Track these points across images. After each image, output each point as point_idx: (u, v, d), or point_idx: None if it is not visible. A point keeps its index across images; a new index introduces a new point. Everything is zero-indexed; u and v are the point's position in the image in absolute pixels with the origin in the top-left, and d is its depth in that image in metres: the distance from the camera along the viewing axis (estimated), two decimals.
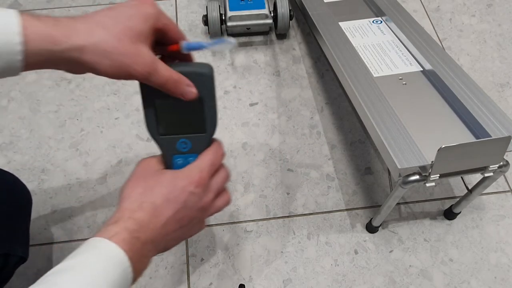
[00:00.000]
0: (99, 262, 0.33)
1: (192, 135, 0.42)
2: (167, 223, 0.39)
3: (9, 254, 0.53)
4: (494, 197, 0.81)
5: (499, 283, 0.72)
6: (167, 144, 0.42)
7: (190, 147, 0.42)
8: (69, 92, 0.93)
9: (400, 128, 0.60)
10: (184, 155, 0.43)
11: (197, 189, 0.40)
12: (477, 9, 1.09)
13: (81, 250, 0.34)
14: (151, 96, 0.40)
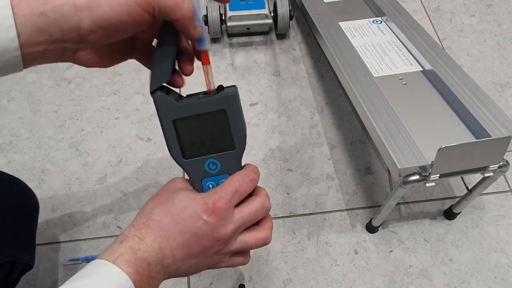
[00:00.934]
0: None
1: (220, 154, 0.38)
2: (174, 247, 0.35)
3: (15, 261, 0.52)
4: (494, 197, 0.81)
5: (499, 283, 0.72)
6: (194, 168, 0.38)
7: (219, 168, 0.38)
8: (69, 92, 0.93)
9: (400, 128, 0.60)
10: (214, 177, 0.39)
11: (211, 218, 0.35)
12: (477, 9, 1.09)
13: (86, 272, 0.33)
14: (169, 115, 0.36)
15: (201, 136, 0.37)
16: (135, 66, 0.96)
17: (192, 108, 0.36)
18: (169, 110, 0.36)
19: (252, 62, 0.99)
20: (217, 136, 0.37)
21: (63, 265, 0.73)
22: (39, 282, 0.71)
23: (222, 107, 0.37)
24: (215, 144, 0.38)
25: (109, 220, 0.78)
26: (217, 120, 0.37)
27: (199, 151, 0.38)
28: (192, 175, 0.39)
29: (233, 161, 0.39)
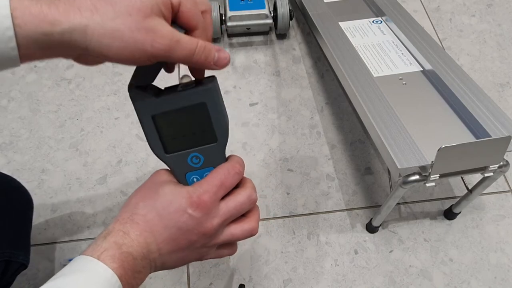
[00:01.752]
0: (87, 286, 0.31)
1: (202, 147, 0.37)
2: (159, 241, 0.35)
3: (10, 261, 0.52)
4: (494, 197, 0.81)
5: (499, 283, 0.72)
6: (177, 163, 0.38)
7: (203, 161, 0.38)
8: (69, 92, 0.93)
9: (400, 128, 0.60)
10: (198, 171, 0.38)
11: (196, 212, 0.35)
12: (477, 9, 1.09)
13: (70, 269, 0.32)
14: (147, 111, 0.35)
15: (182, 130, 0.36)
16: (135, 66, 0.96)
17: (171, 102, 0.35)
18: (147, 106, 0.35)
19: (252, 62, 0.99)
20: (198, 129, 0.37)
21: (63, 265, 0.73)
22: (39, 282, 0.71)
23: (201, 100, 0.35)
24: (197, 138, 0.37)
25: (109, 220, 0.78)
26: (197, 113, 0.36)
27: (181, 146, 0.37)
28: (176, 170, 0.38)
29: (216, 154, 0.38)
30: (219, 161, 0.38)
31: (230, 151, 0.92)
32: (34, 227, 0.76)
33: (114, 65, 0.96)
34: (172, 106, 0.35)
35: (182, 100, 0.35)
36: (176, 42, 0.30)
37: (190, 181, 0.38)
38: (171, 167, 0.38)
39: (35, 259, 0.73)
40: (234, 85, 0.94)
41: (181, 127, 0.36)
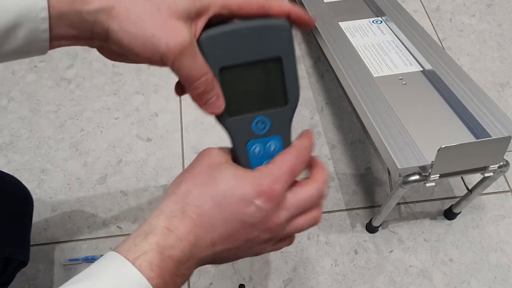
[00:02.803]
0: None
1: (270, 111, 0.33)
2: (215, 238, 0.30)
3: (9, 258, 0.52)
4: (494, 197, 0.81)
5: (499, 283, 0.72)
6: (240, 127, 0.33)
7: (269, 128, 0.33)
8: (69, 92, 0.93)
9: (400, 128, 0.60)
10: (262, 139, 0.33)
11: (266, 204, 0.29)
12: (477, 9, 1.09)
13: (97, 270, 0.28)
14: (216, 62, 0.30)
15: (251, 88, 0.32)
16: (135, 66, 0.96)
17: (244, 53, 0.31)
18: (217, 55, 0.30)
19: None
20: (269, 88, 0.32)
21: (63, 265, 0.73)
22: (39, 282, 0.71)
23: (277, 54, 0.31)
24: (265, 99, 0.32)
25: (109, 220, 0.78)
26: (271, 69, 0.32)
27: (246, 107, 0.32)
28: (236, 137, 0.33)
29: (284, 120, 0.33)
30: (286, 129, 0.34)
31: None
32: (34, 227, 0.76)
33: (114, 65, 0.96)
34: (244, 59, 0.31)
35: (256, 52, 0.31)
36: (191, 55, 0.28)
37: (250, 151, 0.33)
38: (231, 133, 0.33)
39: (35, 259, 0.73)
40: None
41: (251, 84, 0.32)
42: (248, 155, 0.33)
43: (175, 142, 0.87)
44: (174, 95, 0.34)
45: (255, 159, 0.33)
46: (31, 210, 0.61)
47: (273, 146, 0.34)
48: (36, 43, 0.29)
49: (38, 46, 0.29)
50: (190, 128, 0.88)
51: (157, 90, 0.93)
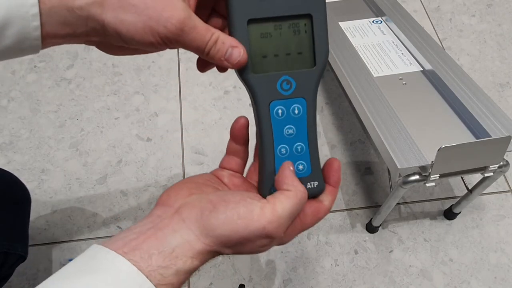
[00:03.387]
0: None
1: (297, 71, 0.31)
2: (224, 248, 0.30)
3: (8, 253, 0.53)
4: (494, 197, 0.81)
5: (499, 283, 0.72)
6: (264, 85, 0.31)
7: (294, 89, 0.32)
8: (69, 92, 0.93)
9: (400, 128, 0.60)
10: (286, 100, 0.32)
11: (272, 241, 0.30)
12: (477, 9, 1.09)
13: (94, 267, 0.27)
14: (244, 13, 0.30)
15: (279, 45, 0.31)
16: (135, 66, 0.96)
17: (273, 8, 0.30)
18: (245, 5, 0.29)
19: None
20: (297, 47, 0.31)
21: (63, 265, 0.73)
22: (39, 282, 0.71)
23: (308, 11, 0.30)
24: (292, 58, 0.31)
25: (109, 220, 0.78)
26: (300, 27, 0.31)
27: (272, 65, 0.31)
28: (260, 95, 0.31)
29: (310, 82, 0.32)
30: (312, 92, 0.32)
31: None
32: (34, 227, 0.76)
33: (114, 65, 0.96)
34: (274, 13, 0.30)
35: (286, 7, 0.30)
36: (191, 28, 0.28)
37: (273, 112, 0.32)
38: (254, 91, 0.31)
39: (35, 259, 0.73)
40: (234, 85, 0.94)
41: (278, 41, 0.31)
42: (271, 117, 0.32)
43: (175, 142, 0.87)
44: (174, 95, 0.34)
45: (277, 122, 0.32)
46: (29, 205, 0.61)
47: (296, 110, 0.32)
48: (27, 41, 0.28)
49: (30, 44, 0.28)
50: (190, 128, 0.88)
51: (157, 90, 0.93)
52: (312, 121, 0.33)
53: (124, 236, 0.29)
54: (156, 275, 0.27)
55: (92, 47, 0.33)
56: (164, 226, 0.29)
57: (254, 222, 0.29)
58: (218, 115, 0.90)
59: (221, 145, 0.86)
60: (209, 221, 0.29)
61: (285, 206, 0.30)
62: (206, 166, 0.84)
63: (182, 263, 0.28)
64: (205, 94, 0.93)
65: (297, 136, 0.33)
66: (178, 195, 0.32)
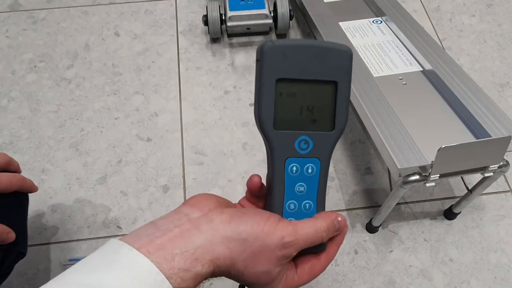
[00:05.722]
0: None
1: (316, 133, 0.33)
2: None
3: (8, 250, 0.53)
4: (494, 197, 0.81)
5: (499, 283, 0.72)
6: (282, 142, 0.33)
7: (311, 149, 0.33)
8: (69, 92, 0.93)
9: (400, 128, 0.60)
10: (301, 159, 0.33)
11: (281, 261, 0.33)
12: (477, 9, 1.09)
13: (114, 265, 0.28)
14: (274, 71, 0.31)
15: (302, 106, 0.32)
16: (134, 66, 0.96)
17: (304, 70, 0.32)
18: (277, 65, 0.31)
19: (252, 62, 0.99)
20: (319, 110, 0.33)
21: (63, 265, 0.73)
22: (39, 282, 0.71)
23: (334, 79, 0.32)
24: (313, 120, 0.33)
25: (109, 220, 0.78)
26: (325, 92, 0.32)
27: (293, 124, 0.33)
28: (277, 151, 0.33)
29: (327, 145, 0.34)
30: (327, 154, 0.34)
31: (230, 151, 0.92)
32: (34, 227, 0.76)
33: (114, 65, 0.96)
34: (303, 75, 0.32)
35: (315, 71, 0.32)
36: None
37: (288, 169, 0.34)
38: (272, 146, 0.33)
39: (35, 259, 0.73)
40: (234, 85, 0.94)
41: (302, 102, 0.32)
42: (285, 173, 0.34)
43: (175, 142, 0.87)
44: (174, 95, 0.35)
45: (290, 178, 0.34)
46: (26, 202, 0.61)
47: (310, 169, 0.34)
48: None
49: None
50: (190, 128, 0.88)
51: (157, 90, 0.93)
52: (323, 181, 0.35)
53: (150, 232, 0.30)
54: (177, 278, 0.28)
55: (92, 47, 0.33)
56: (191, 226, 0.31)
57: (277, 231, 0.31)
58: (218, 115, 0.90)
59: (221, 145, 0.86)
60: (238, 224, 0.31)
61: (304, 227, 0.33)
62: (206, 166, 0.84)
63: (201, 266, 0.29)
64: (205, 94, 0.93)
65: (307, 194, 0.35)
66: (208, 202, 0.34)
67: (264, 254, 0.31)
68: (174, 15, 1.06)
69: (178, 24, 1.04)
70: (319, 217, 0.34)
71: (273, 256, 0.31)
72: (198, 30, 1.03)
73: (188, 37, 1.02)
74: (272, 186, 0.34)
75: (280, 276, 0.33)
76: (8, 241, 0.49)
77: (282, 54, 0.31)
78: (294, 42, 0.32)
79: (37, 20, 1.04)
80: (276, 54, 0.31)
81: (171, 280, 0.27)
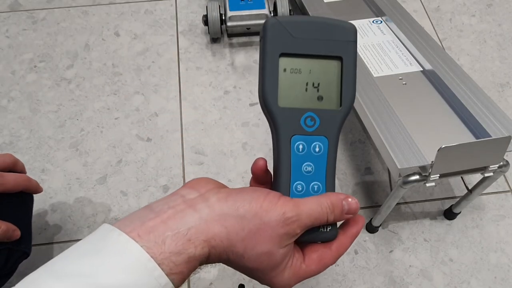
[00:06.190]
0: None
1: (322, 109, 0.32)
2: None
3: (12, 249, 0.53)
4: (494, 197, 0.81)
5: (499, 283, 0.72)
6: (288, 119, 0.32)
7: (317, 126, 0.32)
8: (69, 92, 0.93)
9: (400, 128, 0.60)
10: (308, 137, 0.32)
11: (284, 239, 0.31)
12: (477, 9, 1.09)
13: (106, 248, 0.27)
14: (277, 46, 0.31)
15: (307, 82, 0.32)
16: (134, 66, 0.96)
17: (308, 45, 0.31)
18: (280, 40, 0.31)
19: (252, 62, 0.99)
20: (324, 86, 0.32)
21: None
22: None
23: (339, 54, 0.32)
24: (319, 96, 0.32)
25: (109, 220, 0.78)
26: (330, 67, 0.32)
27: (298, 100, 0.32)
28: (282, 128, 0.32)
29: (334, 123, 0.32)
30: (334, 132, 0.33)
31: (230, 151, 0.92)
32: (34, 227, 0.76)
33: (114, 65, 0.96)
34: (307, 50, 0.31)
35: (319, 46, 0.31)
36: None
37: (294, 147, 0.32)
38: (277, 124, 0.32)
39: (35, 259, 0.73)
40: (234, 85, 0.94)
41: (307, 78, 0.32)
42: (291, 151, 0.32)
43: (175, 142, 0.87)
44: (174, 95, 0.34)
45: (296, 157, 0.32)
46: (31, 202, 0.62)
47: (317, 148, 0.32)
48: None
49: None
50: (190, 128, 0.88)
51: (157, 90, 0.93)
52: (332, 161, 0.33)
53: (144, 214, 0.29)
54: (169, 263, 0.27)
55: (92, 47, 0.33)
56: (186, 206, 0.29)
57: (277, 207, 0.29)
58: (218, 115, 0.90)
59: (221, 145, 0.86)
60: (235, 200, 0.29)
61: (307, 202, 0.30)
62: (206, 166, 0.84)
63: (193, 248, 0.28)
64: (205, 94, 0.93)
65: (315, 174, 0.33)
66: (207, 184, 0.32)
67: (264, 232, 0.29)
68: (174, 15, 1.06)
69: (178, 24, 1.04)
70: (325, 194, 0.32)
71: (274, 234, 0.29)
72: (198, 30, 1.03)
73: (188, 37, 1.02)
74: (278, 166, 0.33)
75: (285, 262, 0.31)
76: (13, 239, 0.50)
77: (285, 30, 0.31)
78: (297, 18, 0.31)
79: (37, 20, 1.04)
80: (279, 29, 0.31)
81: (162, 266, 0.26)
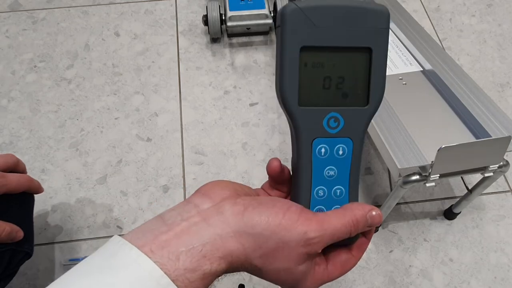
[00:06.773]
0: None
1: (347, 109, 0.28)
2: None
3: (15, 250, 0.54)
4: (494, 197, 0.81)
5: (499, 283, 0.72)
6: (308, 121, 0.28)
7: (341, 127, 0.29)
8: (69, 92, 0.93)
9: (400, 128, 0.60)
10: (331, 139, 0.29)
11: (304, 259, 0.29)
12: (477, 9, 1.09)
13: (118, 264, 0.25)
14: (298, 38, 0.27)
15: (330, 78, 0.28)
16: (134, 66, 0.96)
17: (332, 36, 0.27)
18: (300, 31, 0.27)
19: (252, 62, 0.99)
20: (350, 82, 0.28)
21: (63, 265, 0.73)
22: (39, 282, 0.71)
23: (368, 44, 0.27)
24: (344, 94, 0.28)
25: (109, 220, 0.78)
26: (358, 60, 0.28)
27: (321, 99, 0.28)
28: (303, 131, 0.29)
29: (360, 122, 0.29)
30: (360, 133, 0.29)
31: (230, 151, 0.91)
32: (35, 227, 0.76)
33: (114, 65, 0.96)
34: (331, 42, 0.27)
35: (345, 37, 0.27)
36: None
37: (316, 151, 0.29)
38: (297, 125, 0.29)
39: (35, 259, 0.73)
40: (234, 85, 0.94)
41: (331, 73, 0.28)
42: (312, 155, 0.29)
43: (175, 142, 0.87)
44: (174, 95, 0.34)
45: (318, 161, 0.30)
46: (32, 203, 0.62)
47: (341, 150, 0.29)
48: None
49: None
50: (190, 128, 0.88)
51: (157, 90, 0.93)
52: (356, 164, 0.30)
53: (156, 227, 0.27)
54: (183, 280, 0.25)
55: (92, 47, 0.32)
56: (200, 219, 0.27)
57: (298, 225, 0.27)
58: (218, 115, 0.90)
59: (221, 145, 0.86)
60: (251, 216, 0.27)
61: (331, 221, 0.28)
62: (206, 166, 0.84)
63: (209, 264, 0.26)
64: (205, 94, 0.93)
65: (338, 178, 0.30)
66: (223, 190, 0.30)
67: (283, 250, 0.27)
68: (174, 15, 1.06)
69: (178, 24, 1.04)
70: (349, 208, 0.29)
71: (294, 253, 0.27)
72: (198, 30, 1.03)
73: (188, 37, 1.02)
74: (297, 170, 0.30)
75: (306, 275, 0.29)
76: (17, 239, 0.50)
77: (306, 18, 0.26)
78: (320, 2, 0.27)
79: (37, 20, 1.04)
80: (299, 17, 0.26)
81: (177, 283, 0.25)
